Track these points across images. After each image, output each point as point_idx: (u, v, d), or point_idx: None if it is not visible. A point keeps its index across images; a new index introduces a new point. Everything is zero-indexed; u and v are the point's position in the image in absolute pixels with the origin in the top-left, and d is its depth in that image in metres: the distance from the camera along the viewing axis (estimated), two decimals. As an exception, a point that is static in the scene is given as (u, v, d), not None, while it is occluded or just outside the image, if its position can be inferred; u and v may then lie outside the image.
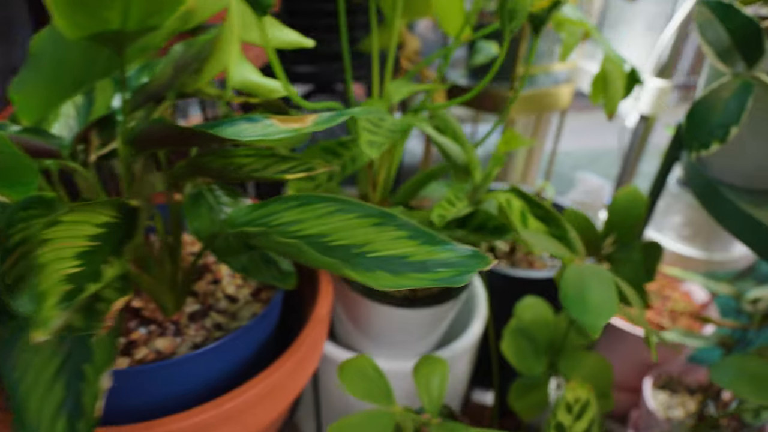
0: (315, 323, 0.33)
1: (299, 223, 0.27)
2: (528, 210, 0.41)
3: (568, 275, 0.35)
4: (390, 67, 0.51)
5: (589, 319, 0.31)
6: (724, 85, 0.42)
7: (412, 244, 0.26)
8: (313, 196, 0.28)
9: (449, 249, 0.26)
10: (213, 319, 0.36)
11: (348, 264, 0.25)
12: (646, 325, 0.41)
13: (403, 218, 0.27)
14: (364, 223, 0.27)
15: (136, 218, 0.25)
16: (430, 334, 0.52)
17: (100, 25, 0.26)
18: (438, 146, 0.42)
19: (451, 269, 0.24)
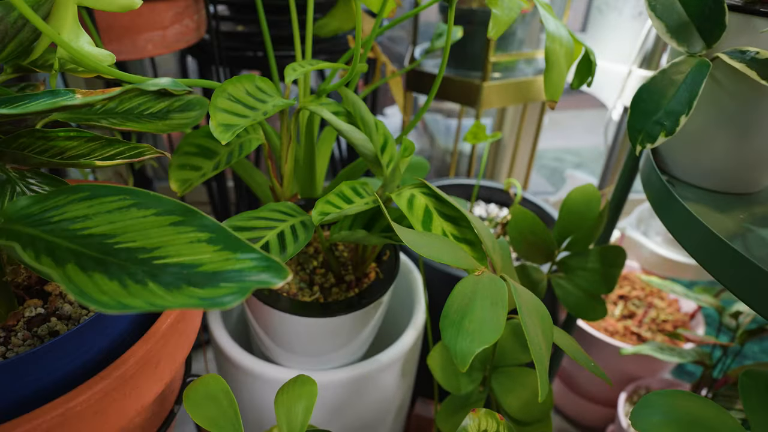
0: (147, 339, 0.28)
1: (85, 220, 0.22)
2: (435, 209, 0.35)
3: (459, 290, 0.29)
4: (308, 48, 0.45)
5: (461, 345, 0.25)
6: (677, 67, 0.36)
7: (210, 250, 0.21)
8: (105, 187, 0.23)
9: (251, 257, 0.20)
10: (52, 325, 0.31)
11: (113, 272, 0.20)
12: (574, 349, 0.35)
13: (208, 218, 0.22)
14: (161, 222, 0.22)
15: None
16: (350, 343, 0.46)
17: None
18: (341, 134, 0.37)
19: (235, 284, 0.19)
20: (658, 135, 0.35)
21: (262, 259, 0.20)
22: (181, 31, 0.51)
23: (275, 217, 0.35)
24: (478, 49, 0.82)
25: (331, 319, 0.42)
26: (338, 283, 0.45)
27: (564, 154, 1.95)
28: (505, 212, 0.78)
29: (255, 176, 0.51)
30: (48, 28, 0.24)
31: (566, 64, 0.43)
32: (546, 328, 0.29)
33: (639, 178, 0.57)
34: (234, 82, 0.32)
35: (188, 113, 0.38)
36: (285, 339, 0.45)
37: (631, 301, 0.84)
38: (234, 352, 0.47)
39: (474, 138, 0.72)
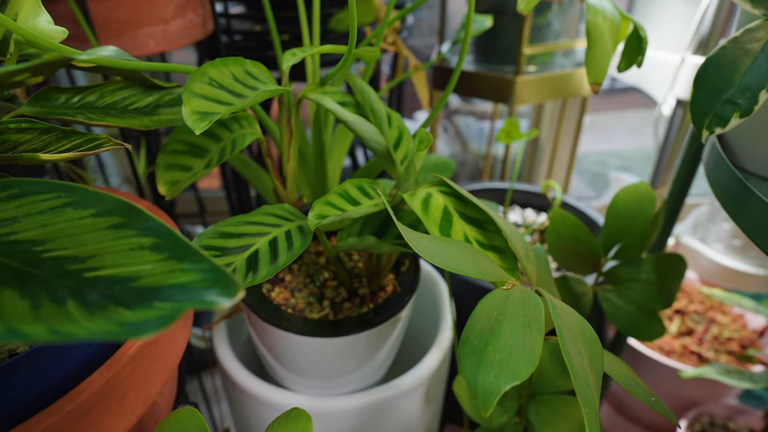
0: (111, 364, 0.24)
1: (13, 223, 0.18)
2: (455, 210, 0.30)
3: (483, 308, 0.23)
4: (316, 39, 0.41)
5: (483, 380, 0.19)
6: (752, 33, 0.29)
7: (152, 259, 0.16)
8: (37, 183, 0.19)
9: (195, 270, 0.16)
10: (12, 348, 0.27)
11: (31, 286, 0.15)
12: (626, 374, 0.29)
13: (155, 220, 0.17)
14: (100, 224, 0.18)
15: None
16: (365, 365, 0.41)
17: None
18: (348, 126, 0.32)
19: (167, 304, 0.14)
20: (730, 116, 0.29)
21: (211, 271, 0.15)
22: (185, 26, 0.48)
23: (269, 222, 0.30)
24: (510, 42, 0.76)
25: (341, 339, 0.37)
26: (351, 297, 0.40)
27: (607, 157, 1.85)
28: (543, 218, 0.72)
29: (263, 179, 0.47)
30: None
31: (611, 40, 0.36)
32: (595, 355, 0.23)
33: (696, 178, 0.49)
34: (218, 65, 0.28)
35: (179, 107, 0.34)
36: (292, 361, 0.40)
37: (689, 316, 0.75)
38: (239, 376, 0.42)
39: (507, 137, 0.66)
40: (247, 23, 0.70)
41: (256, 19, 0.70)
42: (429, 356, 0.44)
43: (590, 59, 0.36)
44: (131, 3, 0.42)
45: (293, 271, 0.42)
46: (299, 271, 0.42)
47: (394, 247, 0.31)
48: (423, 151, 0.32)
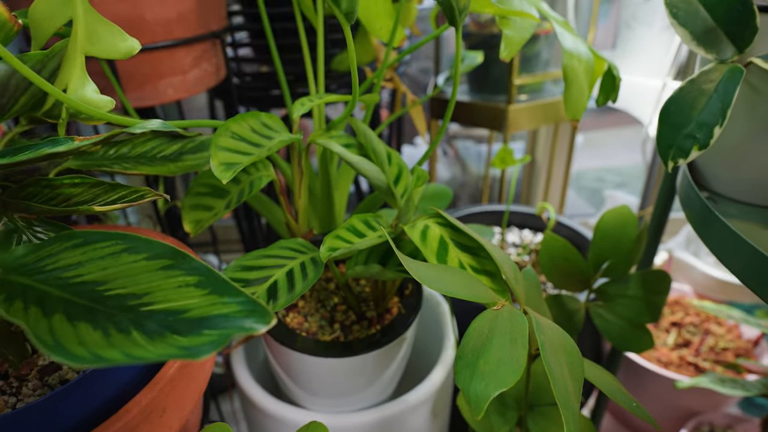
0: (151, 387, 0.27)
1: (78, 267, 0.22)
2: (450, 239, 0.33)
3: (475, 327, 0.27)
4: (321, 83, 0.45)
5: (476, 388, 0.23)
6: (706, 75, 0.33)
7: (197, 294, 0.20)
8: (97, 233, 0.23)
9: (237, 302, 0.19)
10: (62, 374, 0.31)
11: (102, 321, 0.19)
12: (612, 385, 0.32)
13: (197, 261, 0.21)
14: (151, 267, 0.22)
15: None
16: (375, 383, 0.44)
17: None
18: (352, 166, 0.36)
19: (215, 331, 0.18)
20: (690, 149, 0.33)
21: (248, 303, 0.19)
22: (200, 75, 0.52)
23: (285, 255, 0.34)
24: (501, 73, 0.81)
25: (352, 359, 0.40)
26: (359, 320, 0.44)
27: (605, 173, 1.88)
28: (539, 238, 0.75)
29: (274, 212, 0.51)
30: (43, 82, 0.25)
31: (587, 80, 0.40)
32: (575, 366, 0.27)
33: (679, 196, 0.53)
34: (238, 120, 0.32)
35: (200, 154, 0.38)
36: (306, 381, 0.43)
37: (685, 328, 0.78)
38: (258, 397, 0.45)
39: (502, 163, 0.70)
40: (254, 65, 0.75)
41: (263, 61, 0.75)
42: (434, 373, 0.47)
43: (568, 98, 0.40)
44: (154, 58, 0.47)
45: (306, 297, 0.46)
46: (311, 297, 0.46)
47: (396, 274, 0.35)
48: (420, 187, 0.36)
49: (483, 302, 0.29)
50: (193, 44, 0.49)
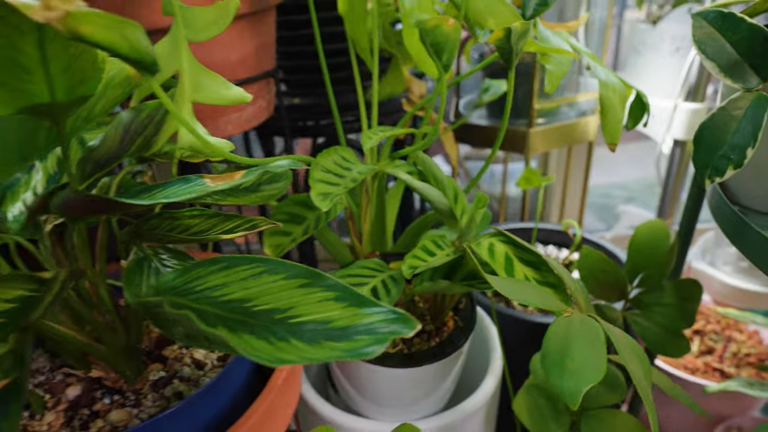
0: (267, 393, 0.30)
1: (223, 288, 0.26)
2: (514, 255, 0.37)
3: (553, 330, 0.30)
4: (374, 114, 0.49)
5: (567, 384, 0.26)
6: (735, 103, 0.38)
7: (337, 307, 0.24)
8: (238, 258, 0.26)
9: (376, 311, 0.23)
10: (174, 387, 0.34)
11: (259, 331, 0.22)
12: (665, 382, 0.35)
13: (331, 279, 0.25)
14: (290, 285, 0.25)
15: (49, 291, 0.24)
16: (433, 393, 0.47)
17: (27, 100, 0.26)
18: (416, 192, 0.40)
19: (369, 336, 0.21)
20: (726, 168, 0.37)
21: (389, 312, 0.22)
22: (256, 111, 0.56)
23: (366, 274, 0.37)
24: (520, 98, 0.86)
25: (416, 369, 0.43)
26: (418, 333, 0.47)
27: (612, 189, 1.93)
28: (564, 253, 0.79)
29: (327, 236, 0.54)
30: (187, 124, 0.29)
31: (621, 107, 0.45)
32: (645, 366, 0.30)
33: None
34: (324, 155, 0.36)
35: (275, 184, 0.42)
36: (371, 390, 0.46)
37: (707, 335, 0.81)
38: (318, 404, 0.48)
39: (527, 183, 0.74)
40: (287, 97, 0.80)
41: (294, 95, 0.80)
42: (486, 382, 0.50)
43: (605, 125, 0.44)
44: (219, 98, 0.51)
45: (365, 314, 0.49)
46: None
47: (464, 288, 0.39)
48: (482, 210, 0.39)
49: (553, 310, 0.33)
50: (252, 83, 0.54)
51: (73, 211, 0.27)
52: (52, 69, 0.26)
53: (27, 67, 0.25)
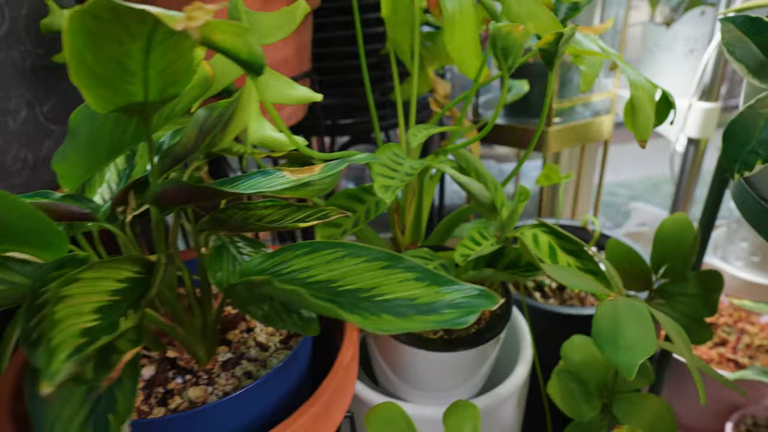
0: (337, 370, 0.33)
1: (309, 270, 0.28)
2: (557, 245, 0.39)
3: (601, 312, 0.33)
4: (413, 113, 0.52)
5: (622, 359, 0.29)
6: (763, 101, 0.40)
7: (419, 286, 0.26)
8: (322, 243, 0.29)
9: (456, 289, 0.25)
10: (243, 367, 0.36)
11: (349, 308, 0.25)
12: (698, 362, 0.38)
13: (410, 260, 0.27)
14: (372, 267, 0.27)
15: (155, 273, 0.26)
16: (471, 378, 0.50)
17: (125, 99, 0.28)
18: (460, 185, 0.42)
19: (457, 310, 0.24)
20: (755, 163, 0.39)
21: (471, 290, 0.25)
22: (294, 110, 0.59)
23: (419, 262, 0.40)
24: (536, 98, 0.88)
25: (458, 353, 0.46)
26: (457, 321, 0.49)
27: (616, 188, 1.96)
28: (582, 248, 0.81)
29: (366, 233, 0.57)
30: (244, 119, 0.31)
31: (650, 106, 0.47)
32: (688, 346, 0.32)
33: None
34: (381, 152, 0.38)
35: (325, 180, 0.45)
36: (413, 375, 0.48)
37: (720, 328, 0.83)
38: (359, 388, 0.51)
39: (547, 180, 0.77)
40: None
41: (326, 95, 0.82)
42: (518, 369, 0.53)
43: (636, 123, 0.46)
44: (263, 97, 0.53)
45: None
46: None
47: (508, 276, 0.41)
48: (524, 203, 0.42)
49: (597, 294, 0.35)
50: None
51: (169, 200, 0.29)
52: (151, 71, 0.28)
53: (131, 69, 0.27)
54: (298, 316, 0.34)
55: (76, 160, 0.31)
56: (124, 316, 0.24)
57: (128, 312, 0.24)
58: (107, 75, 0.27)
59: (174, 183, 0.28)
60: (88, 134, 0.31)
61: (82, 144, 0.31)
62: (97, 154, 0.32)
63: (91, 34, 0.24)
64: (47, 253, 0.26)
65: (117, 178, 0.38)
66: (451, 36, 0.46)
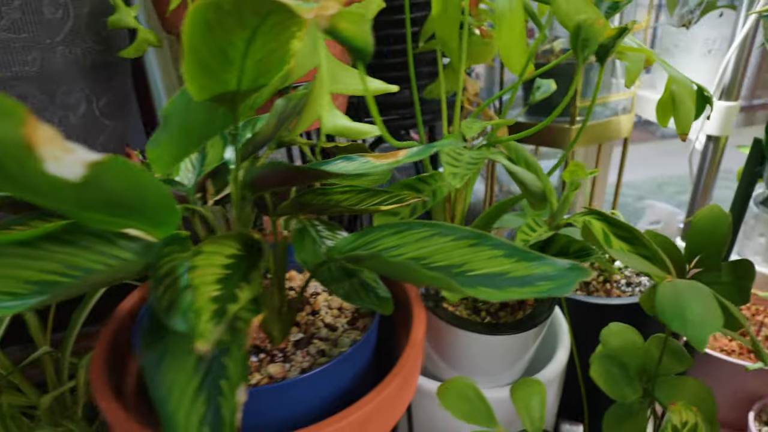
0: (413, 346, 0.35)
1: (399, 248, 0.30)
2: (610, 231, 0.41)
3: (663, 292, 0.35)
4: (458, 109, 0.54)
5: (692, 333, 0.31)
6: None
7: (508, 262, 0.28)
8: (410, 223, 0.30)
9: (547, 263, 0.27)
10: (316, 346, 0.38)
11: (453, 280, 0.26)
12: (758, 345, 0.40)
13: (497, 238, 0.29)
14: (460, 245, 0.29)
15: (260, 250, 0.28)
16: (515, 364, 0.51)
17: (221, 87, 0.30)
18: (513, 176, 0.44)
19: (551, 282, 0.26)
20: (797, 153, 0.41)
21: (562, 263, 0.27)
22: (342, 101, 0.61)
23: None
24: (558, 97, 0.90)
25: (506, 338, 0.48)
26: (502, 307, 0.51)
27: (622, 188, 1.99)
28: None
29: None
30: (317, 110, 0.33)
31: (690, 101, 0.49)
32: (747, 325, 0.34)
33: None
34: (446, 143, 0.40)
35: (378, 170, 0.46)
36: (460, 358, 0.50)
37: (740, 320, 0.86)
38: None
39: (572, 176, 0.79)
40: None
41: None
42: (559, 354, 0.55)
43: (677, 117, 0.48)
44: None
45: (450, 291, 0.53)
46: (454, 291, 0.53)
47: (561, 262, 0.43)
48: (575, 191, 0.44)
49: (655, 275, 0.37)
50: (339, 79, 0.58)
51: (267, 184, 0.31)
52: (248, 61, 0.29)
53: (232, 58, 0.29)
54: (375, 295, 0.36)
55: (168, 146, 0.33)
56: (238, 288, 0.26)
57: (240, 284, 0.26)
58: (212, 64, 0.28)
59: (273, 166, 0.30)
60: (180, 122, 0.33)
61: (174, 131, 0.33)
62: (187, 140, 0.33)
63: (208, 24, 0.26)
64: (159, 231, 0.27)
65: (191, 166, 0.40)
66: (500, 32, 0.48)
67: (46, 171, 0.17)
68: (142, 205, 0.24)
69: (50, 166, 0.17)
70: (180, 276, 0.27)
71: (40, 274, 0.26)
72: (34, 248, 0.26)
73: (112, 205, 0.23)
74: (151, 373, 0.27)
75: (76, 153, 0.18)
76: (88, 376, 0.55)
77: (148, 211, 0.25)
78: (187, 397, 0.26)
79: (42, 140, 0.17)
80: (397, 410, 0.34)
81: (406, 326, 0.41)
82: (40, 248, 0.26)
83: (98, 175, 0.20)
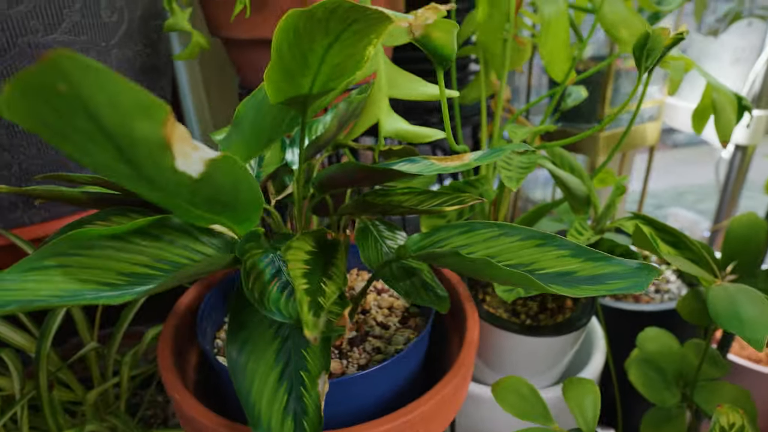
0: (469, 345, 0.36)
1: (468, 247, 0.31)
2: (657, 235, 0.42)
3: (715, 294, 0.35)
4: (498, 114, 0.55)
5: (749, 333, 0.31)
6: None
7: (575, 262, 0.29)
8: (476, 223, 0.31)
9: (615, 264, 0.28)
10: (371, 343, 0.39)
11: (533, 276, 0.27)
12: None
13: (562, 239, 0.30)
14: (526, 245, 0.30)
15: (334, 248, 0.29)
16: (554, 367, 0.52)
17: (295, 90, 0.31)
18: (558, 180, 0.45)
19: (623, 280, 0.27)
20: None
21: (633, 263, 0.28)
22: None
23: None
24: (587, 105, 0.91)
25: (548, 340, 0.48)
26: (542, 311, 0.52)
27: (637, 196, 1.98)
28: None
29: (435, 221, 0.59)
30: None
31: (731, 108, 0.50)
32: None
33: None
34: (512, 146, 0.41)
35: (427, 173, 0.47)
36: (501, 360, 0.51)
37: (767, 328, 0.86)
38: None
39: (602, 182, 0.80)
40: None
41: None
42: (595, 357, 0.55)
43: (718, 125, 0.49)
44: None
45: (490, 292, 0.54)
46: (493, 292, 0.54)
47: (607, 265, 0.44)
48: (621, 196, 0.45)
49: (702, 278, 0.38)
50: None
51: (337, 183, 0.32)
52: (324, 66, 0.31)
53: (310, 63, 0.30)
54: (434, 294, 0.37)
55: (240, 146, 0.34)
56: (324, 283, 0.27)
57: (324, 279, 0.27)
58: (293, 68, 0.30)
59: (343, 167, 0.31)
60: (251, 123, 0.34)
61: (246, 131, 0.34)
62: (257, 140, 0.35)
63: (297, 31, 0.27)
64: (242, 227, 0.29)
65: (250, 167, 0.41)
66: (545, 39, 0.49)
67: (177, 168, 0.19)
68: (235, 201, 0.26)
69: (179, 163, 0.19)
70: (263, 270, 0.28)
71: (132, 266, 0.27)
72: (126, 242, 0.27)
73: (212, 202, 0.24)
74: (233, 365, 0.28)
75: (201, 150, 0.19)
76: (131, 371, 0.57)
77: (239, 206, 0.26)
78: (269, 388, 0.27)
79: (177, 139, 0.18)
80: (453, 408, 0.35)
81: (454, 326, 0.42)
82: (131, 242, 0.28)
83: (212, 171, 0.21)
